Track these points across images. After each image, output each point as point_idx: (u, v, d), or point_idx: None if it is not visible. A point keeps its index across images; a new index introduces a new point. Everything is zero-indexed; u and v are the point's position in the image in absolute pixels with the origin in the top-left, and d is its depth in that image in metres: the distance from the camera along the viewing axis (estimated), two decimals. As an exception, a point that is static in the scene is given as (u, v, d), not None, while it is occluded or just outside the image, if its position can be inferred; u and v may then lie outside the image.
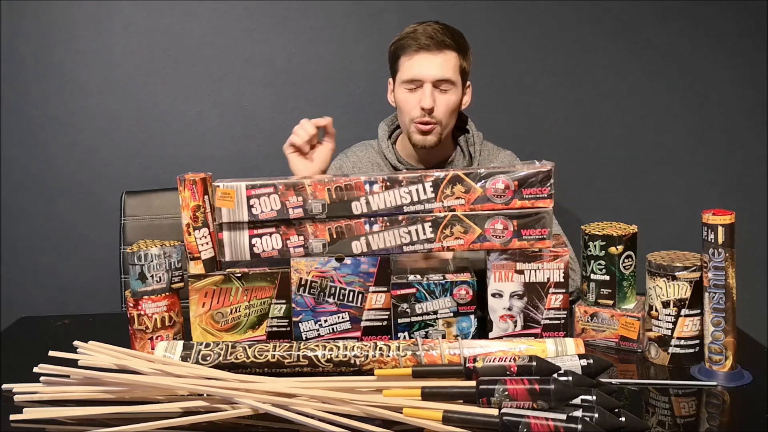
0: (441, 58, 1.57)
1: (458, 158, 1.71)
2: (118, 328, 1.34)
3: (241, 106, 2.28)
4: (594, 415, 0.93)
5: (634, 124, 2.30)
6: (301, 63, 2.26)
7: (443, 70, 1.57)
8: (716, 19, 2.26)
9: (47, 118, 2.25)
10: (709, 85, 2.29)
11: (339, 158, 1.77)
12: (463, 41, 1.62)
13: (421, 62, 1.57)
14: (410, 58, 1.58)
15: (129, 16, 2.22)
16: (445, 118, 1.61)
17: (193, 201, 1.25)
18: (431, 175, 1.22)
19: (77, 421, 1.07)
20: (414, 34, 1.58)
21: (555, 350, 1.10)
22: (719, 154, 2.32)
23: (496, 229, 1.22)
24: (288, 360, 1.13)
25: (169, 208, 1.94)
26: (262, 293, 1.26)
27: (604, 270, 1.29)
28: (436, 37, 1.57)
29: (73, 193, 2.28)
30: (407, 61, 1.59)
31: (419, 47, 1.57)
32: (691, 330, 1.19)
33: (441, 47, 1.57)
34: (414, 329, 1.23)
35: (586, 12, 2.25)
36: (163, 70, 2.25)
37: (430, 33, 1.57)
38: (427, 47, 1.57)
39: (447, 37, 1.58)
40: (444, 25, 1.61)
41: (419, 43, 1.57)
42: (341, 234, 1.23)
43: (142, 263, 1.25)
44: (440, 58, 1.57)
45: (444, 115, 1.60)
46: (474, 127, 1.74)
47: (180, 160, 2.25)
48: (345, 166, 1.75)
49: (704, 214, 1.13)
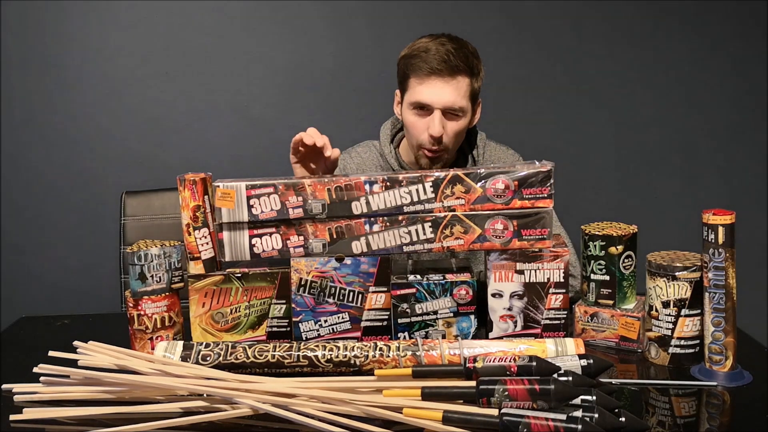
0: (453, 85, 1.50)
1: (461, 163, 1.70)
2: (118, 328, 1.34)
3: (241, 106, 2.28)
4: (594, 415, 0.93)
5: (634, 124, 2.30)
6: (301, 63, 2.27)
7: (454, 97, 1.50)
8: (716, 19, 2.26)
9: (47, 118, 2.26)
10: (710, 86, 2.29)
11: (342, 158, 1.74)
12: (476, 62, 1.54)
13: (431, 88, 1.50)
14: (421, 82, 1.51)
15: (129, 16, 2.22)
16: (453, 144, 1.57)
17: (193, 201, 1.25)
18: (431, 175, 1.22)
19: (77, 421, 1.07)
20: (426, 55, 1.50)
21: (555, 350, 1.10)
22: (719, 154, 2.32)
23: (496, 229, 1.22)
24: (288, 360, 1.13)
25: (169, 208, 1.94)
26: (262, 293, 1.26)
27: (604, 270, 1.28)
28: (449, 61, 1.48)
29: (73, 193, 2.28)
30: (418, 85, 1.52)
31: (431, 71, 1.49)
32: (691, 330, 1.19)
33: (454, 73, 1.49)
34: (414, 329, 1.23)
35: (587, 13, 2.25)
36: (163, 70, 2.25)
37: (443, 56, 1.49)
38: (439, 72, 1.49)
39: (461, 60, 1.50)
40: (458, 43, 1.53)
41: (431, 66, 1.49)
42: (341, 234, 1.23)
43: (142, 263, 1.25)
44: (452, 86, 1.50)
45: (452, 141, 1.56)
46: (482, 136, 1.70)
47: (180, 160, 2.25)
48: (349, 166, 1.71)
49: (704, 214, 1.13)
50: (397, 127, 1.73)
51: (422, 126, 1.54)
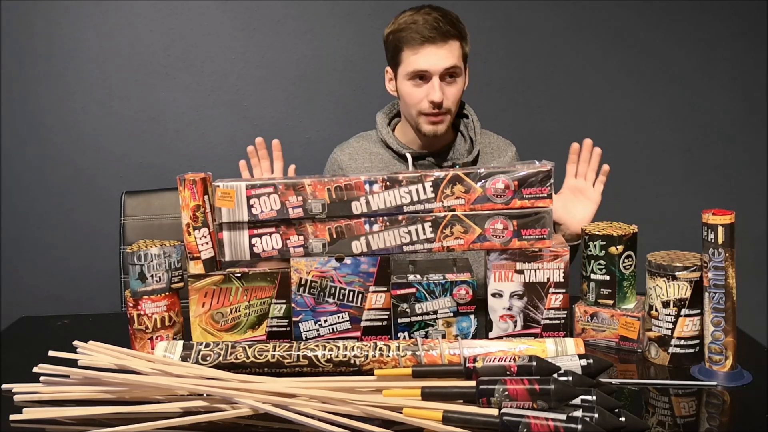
0: (446, 49, 1.55)
1: (459, 143, 1.71)
2: (118, 328, 1.34)
3: (241, 106, 2.28)
4: (594, 415, 0.93)
5: (634, 124, 2.30)
6: (301, 63, 2.27)
7: (450, 60, 1.56)
8: (716, 19, 2.26)
9: (47, 118, 2.26)
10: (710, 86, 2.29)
11: (335, 152, 1.77)
12: (462, 26, 1.60)
13: (427, 56, 1.55)
14: (415, 51, 1.56)
15: (129, 16, 2.22)
16: (454, 106, 1.62)
17: (193, 201, 1.25)
18: (431, 175, 1.22)
19: (77, 421, 1.07)
20: (415, 25, 1.55)
21: (555, 350, 1.10)
22: (719, 154, 2.32)
23: (496, 228, 1.22)
24: (288, 360, 1.13)
25: (169, 208, 1.94)
26: (262, 293, 1.26)
27: (604, 270, 1.28)
28: (440, 27, 1.54)
29: (73, 193, 2.28)
30: (412, 55, 1.57)
31: (424, 40, 1.54)
32: (691, 330, 1.19)
33: (446, 37, 1.55)
34: (414, 329, 1.23)
35: (587, 13, 2.25)
36: (163, 69, 2.25)
37: (433, 24, 1.54)
38: (432, 39, 1.54)
39: (450, 26, 1.56)
40: (441, 11, 1.59)
41: (423, 35, 1.54)
42: (341, 234, 1.23)
43: (141, 263, 1.25)
44: (445, 50, 1.55)
45: (453, 104, 1.61)
46: (472, 111, 1.74)
47: (180, 160, 2.25)
48: (341, 159, 1.74)
49: (704, 214, 1.13)
50: (392, 112, 1.76)
51: (421, 94, 1.59)
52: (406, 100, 1.63)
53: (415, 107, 1.61)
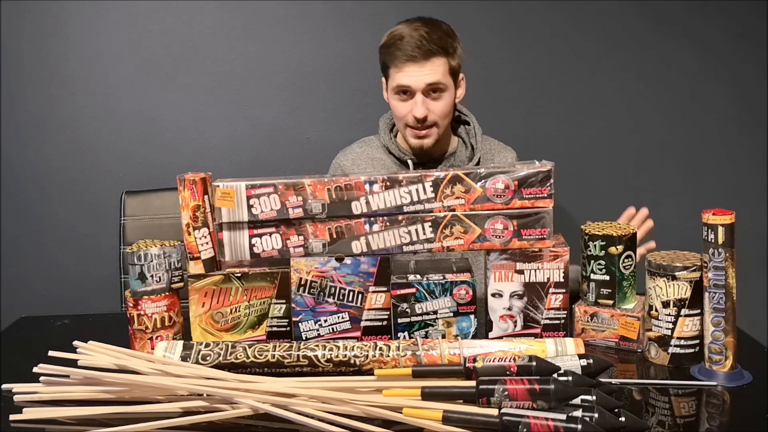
0: (429, 67, 1.58)
1: (460, 150, 1.72)
2: (118, 328, 1.34)
3: (241, 106, 2.28)
4: (594, 415, 0.93)
5: (634, 124, 2.30)
6: (301, 63, 2.26)
7: (431, 78, 1.58)
8: (716, 19, 2.26)
9: (47, 118, 2.25)
10: (710, 85, 2.29)
11: (338, 157, 1.78)
12: (449, 40, 1.61)
13: (409, 73, 1.59)
14: (399, 69, 1.60)
15: (129, 15, 2.22)
16: (440, 120, 1.64)
17: (193, 201, 1.25)
18: (431, 175, 1.22)
19: (77, 421, 1.07)
20: (401, 42, 1.58)
21: (555, 350, 1.10)
22: (719, 154, 2.32)
23: (496, 229, 1.22)
24: (288, 360, 1.13)
25: (169, 208, 1.94)
26: (261, 293, 1.26)
27: (604, 270, 1.28)
28: (422, 46, 1.56)
29: (73, 193, 2.28)
30: (396, 72, 1.60)
31: (407, 59, 1.58)
32: (691, 330, 1.19)
33: (428, 56, 1.57)
34: (414, 329, 1.23)
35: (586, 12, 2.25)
36: (163, 69, 2.25)
37: (417, 42, 1.57)
38: (414, 59, 1.57)
39: (434, 43, 1.57)
40: (430, 26, 1.60)
41: (406, 54, 1.57)
42: (341, 234, 1.23)
43: (141, 263, 1.25)
44: (428, 68, 1.58)
45: (439, 118, 1.63)
46: (474, 117, 1.75)
47: (180, 160, 2.25)
48: (344, 164, 1.76)
49: (704, 214, 1.13)
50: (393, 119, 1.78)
51: (406, 108, 1.63)
52: (394, 113, 1.68)
53: (401, 120, 1.65)
